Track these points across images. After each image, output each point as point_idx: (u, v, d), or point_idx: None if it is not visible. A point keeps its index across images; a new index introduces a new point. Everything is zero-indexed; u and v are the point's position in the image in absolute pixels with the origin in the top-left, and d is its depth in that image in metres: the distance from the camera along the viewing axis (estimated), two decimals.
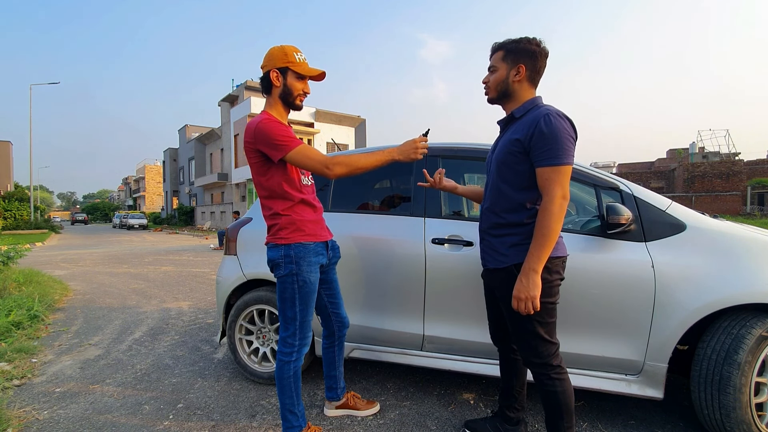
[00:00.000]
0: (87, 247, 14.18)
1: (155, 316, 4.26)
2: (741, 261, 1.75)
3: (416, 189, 2.31)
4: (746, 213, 20.87)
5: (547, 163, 1.43)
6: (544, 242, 1.42)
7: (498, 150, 1.62)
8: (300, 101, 1.77)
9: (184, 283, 6.32)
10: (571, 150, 1.43)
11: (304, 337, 1.77)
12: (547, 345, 1.51)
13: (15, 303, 4.07)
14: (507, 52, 1.57)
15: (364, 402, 2.16)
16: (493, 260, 1.61)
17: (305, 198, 1.77)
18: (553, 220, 1.41)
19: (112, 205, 74.67)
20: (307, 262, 1.73)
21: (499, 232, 1.59)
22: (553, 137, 1.41)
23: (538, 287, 1.42)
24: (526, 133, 1.47)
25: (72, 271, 7.78)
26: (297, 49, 1.74)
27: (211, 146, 33.01)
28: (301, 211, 1.76)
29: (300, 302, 1.73)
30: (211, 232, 23.56)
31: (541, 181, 1.45)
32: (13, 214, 25.61)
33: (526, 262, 1.44)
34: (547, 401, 1.55)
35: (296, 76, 1.73)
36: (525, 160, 1.50)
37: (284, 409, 1.78)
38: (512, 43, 1.56)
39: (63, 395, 2.39)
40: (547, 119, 1.43)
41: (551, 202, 1.41)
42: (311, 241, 1.75)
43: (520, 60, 1.54)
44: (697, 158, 26.91)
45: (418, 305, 2.18)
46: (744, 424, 1.65)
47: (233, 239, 2.62)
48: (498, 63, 1.59)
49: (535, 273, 1.42)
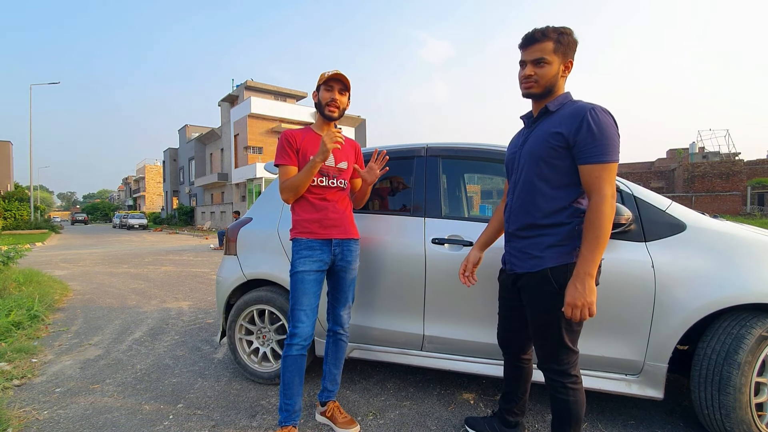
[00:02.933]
0: (87, 247, 14.17)
1: (155, 316, 4.26)
2: (741, 261, 1.75)
3: (417, 189, 2.31)
4: (746, 213, 20.86)
5: (597, 160, 1.35)
6: (597, 244, 1.33)
7: (532, 144, 1.51)
8: (329, 111, 1.92)
9: (184, 283, 6.32)
10: (618, 147, 1.36)
11: (293, 327, 1.85)
12: (568, 353, 1.47)
13: (15, 303, 4.07)
14: (558, 44, 1.44)
15: (345, 419, 1.98)
16: (523, 264, 1.52)
17: (308, 197, 1.91)
18: (606, 220, 1.33)
19: (112, 205, 74.66)
20: (298, 255, 1.89)
21: (532, 233, 1.50)
22: (602, 133, 1.34)
23: (594, 292, 1.34)
24: (571, 127, 1.38)
25: (72, 271, 7.78)
26: (334, 70, 1.93)
27: (211, 146, 33.01)
28: (300, 210, 1.93)
29: (293, 291, 1.87)
30: (211, 232, 23.56)
31: (590, 179, 1.37)
32: (13, 214, 25.59)
33: (581, 267, 1.35)
34: (557, 408, 1.51)
35: (325, 87, 1.92)
36: (566, 155, 1.42)
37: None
38: (561, 34, 1.44)
39: (63, 395, 2.39)
40: (594, 114, 1.35)
41: (602, 202, 1.33)
42: (303, 237, 1.90)
43: (570, 55, 1.47)
44: (697, 158, 26.89)
45: (418, 305, 2.18)
46: (744, 424, 1.65)
47: (233, 239, 2.62)
48: (549, 55, 1.44)
49: (591, 278, 1.33)
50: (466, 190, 3.12)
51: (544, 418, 2.10)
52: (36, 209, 28.07)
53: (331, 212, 1.92)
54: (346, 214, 1.98)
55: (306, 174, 1.83)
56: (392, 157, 2.43)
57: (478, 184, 5.26)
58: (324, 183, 1.91)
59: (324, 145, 1.78)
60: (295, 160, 1.91)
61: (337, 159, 1.96)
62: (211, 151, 33.02)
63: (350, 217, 2.02)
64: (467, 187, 3.18)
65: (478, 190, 8.40)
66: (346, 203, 2.01)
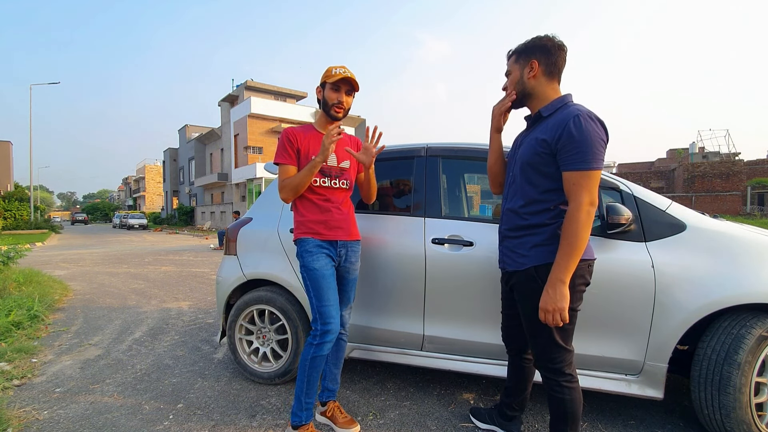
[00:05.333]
0: (87, 247, 14.17)
1: (155, 316, 4.26)
2: (741, 261, 1.75)
3: (416, 189, 2.31)
4: (746, 213, 20.85)
5: (575, 167, 1.36)
6: (571, 251, 1.35)
7: (523, 149, 1.56)
8: (335, 111, 1.88)
9: (184, 283, 6.32)
10: (601, 154, 1.36)
11: (324, 324, 1.80)
12: (561, 351, 1.48)
13: (15, 303, 4.07)
14: (518, 54, 1.56)
15: (345, 419, 1.98)
16: (513, 262, 1.57)
17: (311, 198, 1.89)
18: (581, 227, 1.34)
19: (112, 205, 74.61)
20: (308, 253, 1.86)
21: (520, 233, 1.55)
22: (582, 140, 1.34)
23: (566, 298, 1.36)
24: (554, 134, 1.41)
25: (72, 271, 7.77)
26: (340, 66, 1.87)
27: (211, 146, 33.02)
28: (304, 210, 1.91)
29: (313, 289, 1.83)
30: (211, 232, 23.56)
31: (568, 185, 1.39)
32: (13, 214, 25.59)
33: (553, 272, 1.38)
34: (554, 407, 1.53)
35: (332, 87, 1.86)
36: (552, 162, 1.44)
37: (295, 394, 1.85)
38: (521, 44, 1.56)
39: (63, 395, 2.39)
40: (577, 121, 1.36)
41: (578, 210, 1.35)
42: (310, 237, 1.87)
43: (532, 56, 1.52)
44: (697, 158, 26.88)
45: (418, 305, 2.18)
46: (744, 424, 1.65)
47: (233, 239, 2.62)
48: (511, 66, 1.59)
49: (562, 284, 1.36)
50: (466, 190, 3.12)
51: (543, 417, 2.10)
52: (36, 209, 28.08)
53: (335, 213, 1.91)
54: (349, 216, 1.98)
55: (306, 174, 1.81)
56: (392, 157, 2.44)
57: (478, 184, 5.27)
58: (327, 183, 1.90)
59: (323, 144, 1.76)
60: (295, 159, 1.88)
61: (340, 158, 1.93)
62: (211, 151, 33.03)
63: (353, 218, 2.02)
64: (467, 187, 3.18)
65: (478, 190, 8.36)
66: (350, 204, 2.01)
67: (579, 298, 1.47)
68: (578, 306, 1.48)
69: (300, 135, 1.90)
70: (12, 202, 26.17)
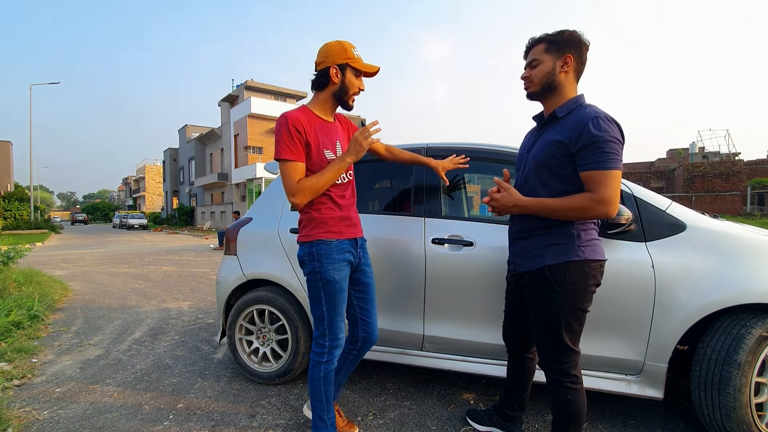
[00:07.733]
0: (87, 247, 14.17)
1: (155, 316, 4.26)
2: (741, 261, 1.75)
3: (416, 189, 2.31)
4: (746, 213, 20.84)
5: (596, 167, 1.36)
6: (547, 210, 1.44)
7: (536, 150, 1.53)
8: (353, 100, 1.73)
9: (184, 283, 6.32)
10: (620, 155, 1.37)
11: (334, 338, 1.70)
12: (569, 353, 1.48)
13: (15, 303, 4.06)
14: (550, 44, 1.48)
15: (345, 422, 1.95)
16: (526, 263, 1.55)
17: (329, 194, 1.69)
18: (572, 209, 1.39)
19: (112, 205, 74.63)
20: (330, 259, 1.66)
21: (533, 233, 1.53)
22: (603, 141, 1.34)
23: (512, 206, 1.48)
24: (572, 135, 1.39)
25: (72, 271, 7.77)
26: (353, 45, 1.68)
27: (211, 146, 33.01)
28: (322, 208, 1.69)
29: (326, 301, 1.67)
30: (211, 232, 23.56)
31: (590, 184, 1.38)
32: (13, 214, 25.59)
33: (525, 200, 1.46)
34: (557, 408, 1.53)
35: (354, 72, 1.68)
36: (568, 163, 1.43)
37: (314, 414, 1.75)
38: (554, 35, 1.49)
39: (63, 395, 2.39)
40: (596, 122, 1.36)
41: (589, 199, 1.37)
42: (333, 239, 1.68)
43: (567, 50, 1.47)
44: (697, 158, 26.87)
45: (419, 305, 2.18)
46: (744, 425, 1.65)
47: (233, 239, 2.62)
48: (540, 55, 1.50)
49: (518, 207, 1.47)
50: (466, 190, 3.12)
51: (544, 418, 2.10)
52: (36, 209, 28.08)
53: (353, 210, 1.78)
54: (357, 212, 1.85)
55: (333, 175, 1.62)
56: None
57: (478, 184, 5.30)
58: (339, 181, 1.73)
59: (359, 144, 1.60)
60: (304, 154, 1.63)
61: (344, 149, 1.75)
62: (211, 151, 33.03)
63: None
64: (467, 187, 3.18)
65: (478, 190, 8.33)
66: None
67: (589, 299, 1.48)
68: (588, 307, 1.48)
69: (305, 123, 1.64)
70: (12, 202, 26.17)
